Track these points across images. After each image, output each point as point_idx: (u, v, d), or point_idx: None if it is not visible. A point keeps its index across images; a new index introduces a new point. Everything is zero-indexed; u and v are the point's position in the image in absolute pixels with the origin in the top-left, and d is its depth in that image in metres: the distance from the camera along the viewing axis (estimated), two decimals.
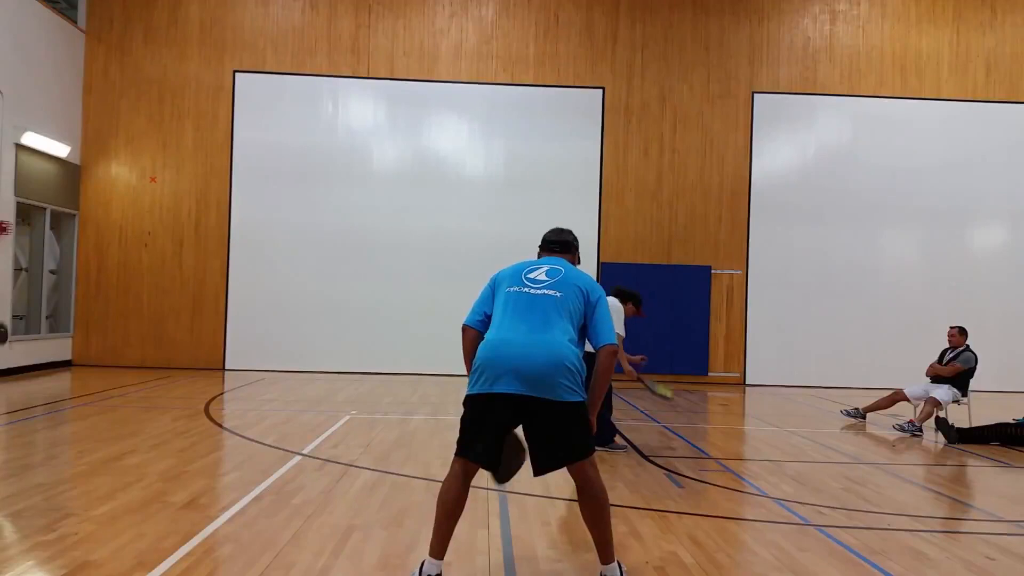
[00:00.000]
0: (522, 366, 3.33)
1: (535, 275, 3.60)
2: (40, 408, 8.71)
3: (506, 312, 3.52)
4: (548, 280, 3.57)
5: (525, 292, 3.54)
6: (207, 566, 3.74)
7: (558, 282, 3.56)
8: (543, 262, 3.72)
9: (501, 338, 3.43)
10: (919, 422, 8.58)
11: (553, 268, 3.63)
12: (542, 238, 3.96)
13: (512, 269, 3.69)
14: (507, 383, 3.34)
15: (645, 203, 13.56)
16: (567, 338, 3.43)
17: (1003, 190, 13.90)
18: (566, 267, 3.67)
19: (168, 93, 13.22)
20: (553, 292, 3.52)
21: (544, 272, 3.61)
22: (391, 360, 13.11)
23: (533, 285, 3.56)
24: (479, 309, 3.68)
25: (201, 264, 13.17)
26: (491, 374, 3.37)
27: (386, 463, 6.17)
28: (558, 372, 3.34)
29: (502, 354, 3.37)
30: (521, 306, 3.50)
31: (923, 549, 4.37)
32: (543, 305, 3.48)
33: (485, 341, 3.50)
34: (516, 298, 3.53)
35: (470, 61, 13.52)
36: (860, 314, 13.60)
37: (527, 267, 3.67)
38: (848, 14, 13.89)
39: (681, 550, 4.19)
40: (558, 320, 3.45)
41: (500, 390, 3.35)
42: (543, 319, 3.44)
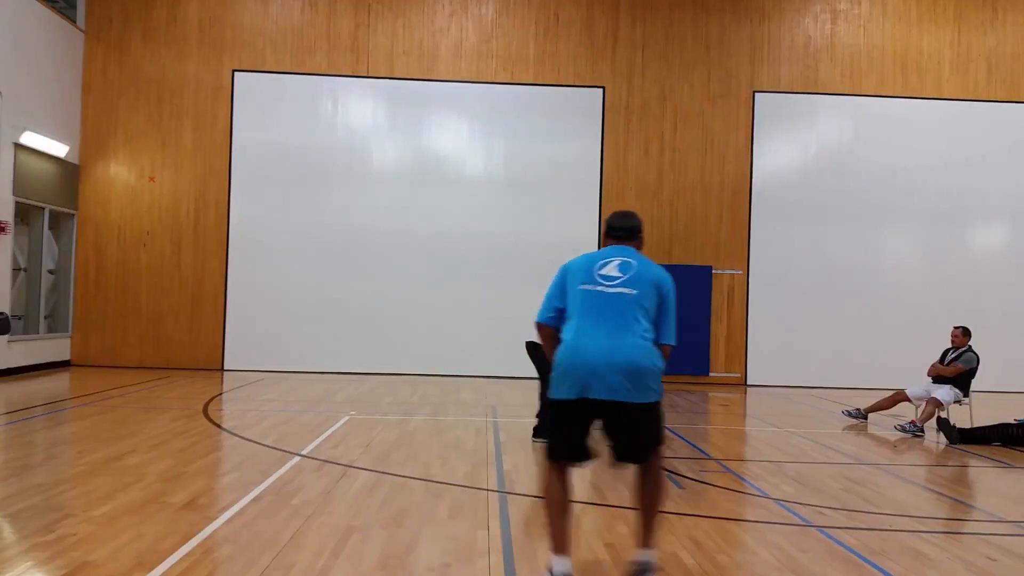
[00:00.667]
0: (605, 371, 3.38)
1: (607, 270, 3.55)
2: (39, 408, 8.70)
3: (584, 313, 3.50)
4: (621, 276, 3.53)
5: (599, 290, 3.50)
6: (206, 567, 3.73)
7: (632, 278, 3.52)
8: (612, 254, 3.64)
9: (581, 342, 3.44)
10: (920, 422, 8.57)
11: (624, 262, 3.58)
12: (607, 224, 3.86)
13: (582, 262, 3.64)
14: (592, 389, 3.40)
15: (645, 203, 13.54)
16: (646, 338, 3.49)
17: (1004, 190, 13.88)
18: (636, 258, 3.63)
19: (167, 93, 13.20)
20: (628, 290, 3.50)
21: (616, 266, 3.56)
22: (391, 360, 13.09)
23: (606, 282, 3.52)
24: (551, 304, 3.64)
25: (200, 264, 13.15)
26: (575, 380, 3.42)
27: (386, 464, 6.15)
28: (639, 375, 3.42)
29: (584, 360, 3.41)
30: (598, 306, 3.48)
31: (924, 550, 4.36)
32: (619, 305, 3.47)
33: (565, 344, 3.50)
34: (592, 297, 3.51)
35: (470, 60, 13.50)
36: (861, 314, 13.59)
37: (597, 260, 3.61)
38: (849, 13, 13.87)
39: (681, 551, 4.18)
40: (635, 320, 3.47)
41: (588, 396, 3.41)
42: (621, 320, 3.45)
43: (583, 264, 3.63)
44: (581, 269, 3.60)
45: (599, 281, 3.53)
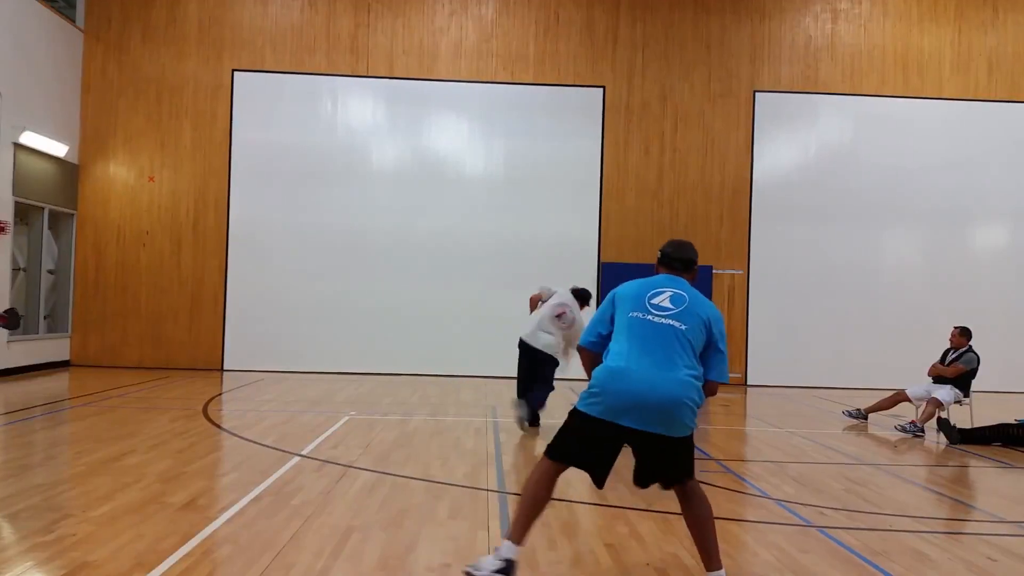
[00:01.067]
0: (644, 403, 3.35)
1: (659, 300, 3.53)
2: (38, 408, 8.69)
3: (631, 340, 3.47)
4: (673, 309, 3.50)
5: (649, 320, 3.48)
6: (206, 567, 3.72)
7: (683, 312, 3.50)
8: (666, 285, 3.62)
9: (624, 369, 3.41)
10: (921, 423, 8.56)
11: (677, 295, 3.55)
12: (661, 252, 3.79)
13: (634, 289, 3.62)
14: (627, 417, 3.38)
15: (646, 202, 13.54)
16: (691, 373, 3.45)
17: (1005, 189, 13.88)
18: (689, 292, 3.60)
19: (166, 92, 13.19)
20: (678, 323, 3.47)
21: (669, 298, 3.53)
22: (390, 360, 13.08)
23: (657, 312, 3.49)
24: (595, 329, 3.65)
25: (200, 264, 13.14)
26: (611, 404, 3.39)
27: (385, 464, 6.15)
28: (678, 411, 3.39)
29: (624, 388, 3.38)
30: (645, 336, 3.46)
31: (925, 550, 4.35)
32: (667, 337, 3.45)
33: (607, 368, 3.47)
34: (640, 326, 3.48)
35: (470, 60, 13.49)
36: (861, 314, 13.58)
37: (650, 289, 3.59)
38: (850, 13, 13.86)
39: (682, 551, 4.17)
40: (682, 354, 3.44)
41: (619, 422, 3.39)
42: (667, 353, 3.42)
43: (635, 291, 3.60)
44: (632, 296, 3.57)
45: (650, 310, 3.51)
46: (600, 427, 3.43)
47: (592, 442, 3.47)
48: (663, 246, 3.83)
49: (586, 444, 3.49)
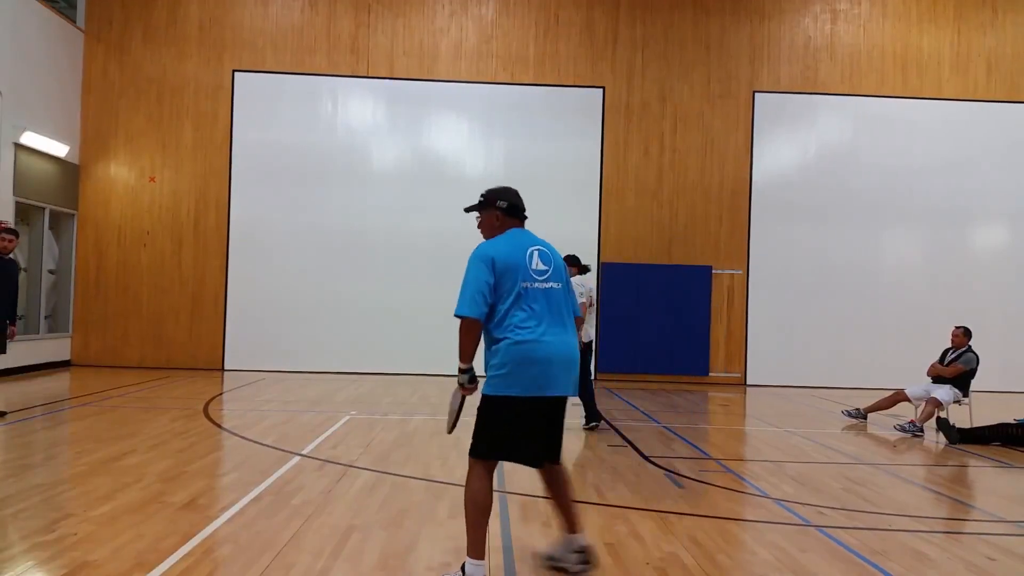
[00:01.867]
0: (563, 369, 3.55)
1: (535, 264, 3.61)
2: (39, 408, 8.70)
3: (532, 311, 3.53)
4: (547, 269, 3.62)
5: (536, 287, 3.57)
6: (206, 566, 3.73)
7: (555, 271, 3.65)
8: (531, 242, 3.67)
9: (537, 341, 3.49)
10: (920, 422, 8.57)
11: (543, 252, 3.66)
12: (508, 203, 3.74)
13: (512, 254, 3.57)
14: (556, 386, 3.54)
15: (645, 203, 13.55)
16: (575, 331, 3.70)
17: (1004, 190, 13.88)
18: (543, 244, 3.71)
19: (167, 93, 13.21)
20: (556, 284, 3.62)
21: (539, 258, 3.62)
22: (391, 360, 13.09)
23: (540, 278, 3.59)
24: (484, 299, 3.51)
25: (200, 264, 13.16)
26: (535, 378, 3.49)
27: (386, 464, 6.15)
28: (577, 370, 3.66)
29: (545, 357, 3.49)
30: (543, 304, 3.55)
31: (924, 550, 4.36)
32: (556, 301, 3.60)
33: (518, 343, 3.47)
34: (535, 296, 3.55)
35: (470, 60, 13.50)
36: (861, 314, 13.59)
37: (525, 253, 3.60)
38: (849, 13, 13.87)
39: (681, 551, 4.18)
40: (569, 314, 3.67)
41: (552, 393, 3.55)
42: (561, 317, 3.60)
43: (515, 258, 3.56)
44: (516, 265, 3.55)
45: (535, 277, 3.58)
46: (535, 405, 3.52)
47: (527, 425, 3.53)
48: (502, 194, 3.78)
49: (521, 429, 3.53)
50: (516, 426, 3.52)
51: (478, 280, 3.52)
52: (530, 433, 3.55)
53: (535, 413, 3.53)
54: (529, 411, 3.52)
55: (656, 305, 13.49)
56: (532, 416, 3.53)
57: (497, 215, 3.76)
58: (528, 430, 3.54)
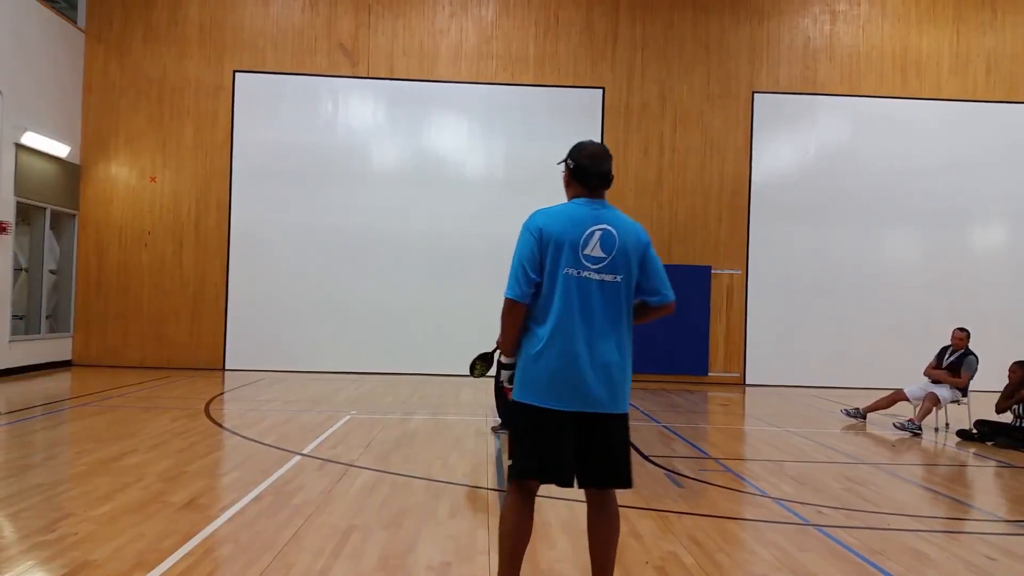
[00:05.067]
0: (594, 380, 2.97)
1: (591, 249, 3.00)
2: (39, 408, 8.71)
3: (567, 306, 2.97)
4: (605, 257, 3.01)
5: (585, 277, 2.99)
6: (207, 566, 3.74)
7: (615, 259, 3.02)
8: (594, 220, 3.07)
9: (567, 344, 2.96)
10: (918, 420, 8.58)
11: (606, 233, 3.03)
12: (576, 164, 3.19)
13: (565, 229, 3.03)
14: (576, 400, 2.97)
15: (645, 203, 13.55)
16: (628, 335, 3.08)
17: (1003, 190, 13.88)
18: (616, 224, 3.08)
19: (168, 93, 13.21)
20: (612, 277, 3.01)
21: (599, 242, 3.01)
22: (391, 360, 13.10)
23: (591, 265, 2.99)
24: (528, 278, 3.00)
25: (201, 264, 13.16)
26: (559, 387, 2.96)
27: (386, 463, 6.16)
28: (624, 382, 3.06)
29: (570, 365, 2.96)
30: (583, 299, 2.98)
31: (923, 549, 4.36)
32: (607, 297, 3.01)
33: (544, 341, 2.97)
34: (577, 287, 2.98)
35: (470, 61, 13.51)
36: (860, 314, 13.59)
37: (580, 234, 3.02)
38: (848, 14, 13.88)
39: (681, 550, 4.19)
40: (621, 316, 3.04)
41: (570, 408, 2.97)
42: (608, 318, 3.01)
43: (567, 236, 3.02)
44: (566, 244, 3.01)
45: (584, 264, 3.00)
46: (556, 419, 2.98)
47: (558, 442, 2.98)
48: (575, 151, 3.23)
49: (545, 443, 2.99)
50: (538, 440, 2.99)
51: (523, 255, 3.02)
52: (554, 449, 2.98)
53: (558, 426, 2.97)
54: (550, 424, 2.97)
55: None
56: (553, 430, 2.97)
57: (567, 173, 3.22)
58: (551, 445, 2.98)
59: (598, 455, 3.03)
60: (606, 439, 3.03)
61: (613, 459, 3.05)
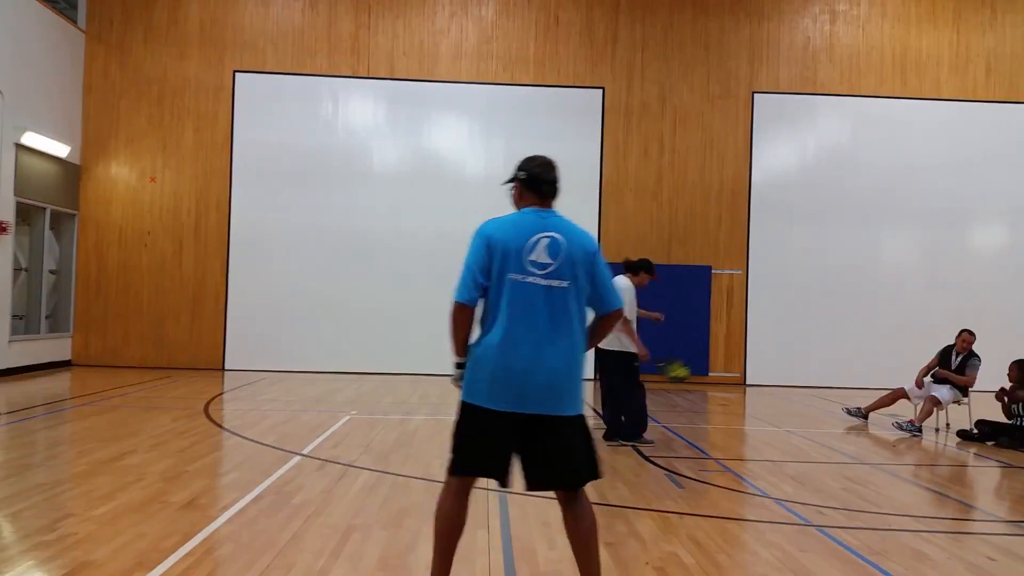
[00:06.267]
0: (533, 381, 3.01)
1: (536, 255, 3.07)
2: (40, 408, 8.71)
3: (511, 310, 3.04)
4: (551, 263, 3.07)
5: (529, 283, 3.05)
6: (207, 566, 3.74)
7: (561, 265, 3.08)
8: (541, 227, 3.14)
9: (509, 347, 3.01)
10: (919, 421, 8.57)
11: (553, 240, 3.10)
12: (528, 173, 3.32)
13: (511, 238, 3.11)
14: (517, 402, 3.01)
15: (645, 203, 13.56)
16: (579, 339, 3.12)
17: (1003, 190, 13.89)
18: (564, 231, 3.16)
19: (168, 93, 13.21)
20: (559, 282, 3.06)
21: (545, 248, 3.08)
22: (391, 360, 13.09)
23: (537, 271, 3.06)
24: (475, 283, 3.11)
25: (201, 264, 13.16)
26: (499, 388, 3.02)
27: (386, 463, 6.16)
28: (571, 384, 3.09)
29: (512, 368, 3.00)
30: (529, 304, 3.04)
31: (924, 549, 4.36)
32: (552, 303, 3.05)
33: (489, 345, 3.05)
34: (522, 291, 3.04)
35: (470, 61, 13.51)
36: (860, 314, 13.58)
37: (527, 238, 3.11)
38: (848, 14, 13.88)
39: (681, 551, 4.19)
40: (568, 320, 3.08)
41: (511, 409, 3.02)
42: (554, 323, 3.05)
43: (513, 243, 3.09)
44: (512, 252, 3.08)
45: (529, 270, 3.06)
46: (495, 419, 3.02)
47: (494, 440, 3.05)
48: (525, 163, 3.33)
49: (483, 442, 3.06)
50: (479, 440, 3.06)
51: (471, 261, 3.15)
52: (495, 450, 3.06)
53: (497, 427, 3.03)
54: (493, 426, 3.03)
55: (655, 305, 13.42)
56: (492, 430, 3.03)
57: (518, 187, 3.31)
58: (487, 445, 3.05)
59: (544, 457, 3.08)
60: (553, 441, 3.06)
61: (562, 461, 3.08)
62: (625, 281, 7.23)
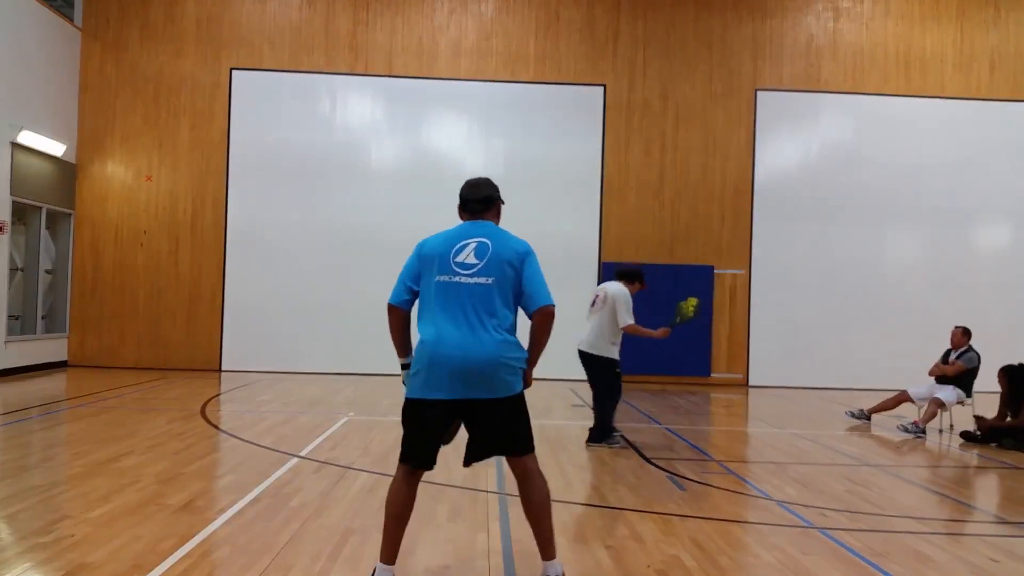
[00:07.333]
0: (461, 369, 3.32)
1: (463, 257, 3.42)
2: (36, 409, 8.65)
3: (439, 307, 3.41)
4: (477, 263, 3.40)
5: (456, 282, 3.39)
6: (204, 569, 3.69)
7: (487, 264, 3.40)
8: (469, 235, 3.49)
9: (438, 339, 3.37)
10: (923, 423, 8.53)
11: (480, 244, 3.44)
12: (460, 196, 3.67)
13: (439, 246, 3.50)
14: (448, 388, 3.34)
15: (647, 202, 13.50)
16: (503, 329, 3.38)
17: (1007, 188, 13.85)
18: (492, 236, 3.47)
19: (164, 91, 13.15)
20: (484, 279, 3.38)
21: (472, 251, 3.42)
22: (389, 361, 12.91)
23: (463, 271, 3.40)
24: (405, 287, 3.55)
25: (197, 264, 13.10)
26: (431, 378, 3.36)
27: (384, 465, 6.11)
28: (497, 370, 3.35)
29: (440, 358, 3.34)
30: (454, 300, 3.38)
31: (927, 551, 4.33)
32: (476, 298, 3.37)
33: (421, 341, 3.44)
34: (448, 290, 3.40)
35: (470, 58, 13.45)
36: (864, 314, 13.54)
37: (454, 245, 3.47)
38: (852, 11, 13.83)
39: (683, 553, 4.15)
40: (491, 313, 3.37)
41: (441, 396, 3.35)
42: (476, 316, 3.36)
43: (440, 249, 3.48)
44: (437, 256, 3.46)
45: (455, 270, 3.41)
46: (426, 407, 3.38)
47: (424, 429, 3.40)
48: (461, 188, 3.69)
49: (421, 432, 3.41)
50: (422, 430, 3.40)
51: (405, 267, 3.57)
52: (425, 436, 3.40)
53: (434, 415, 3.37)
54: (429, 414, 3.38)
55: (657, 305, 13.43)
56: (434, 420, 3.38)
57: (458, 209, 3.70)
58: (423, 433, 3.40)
59: (482, 434, 3.45)
60: (488, 420, 3.40)
61: (496, 436, 3.45)
62: (621, 288, 7.18)
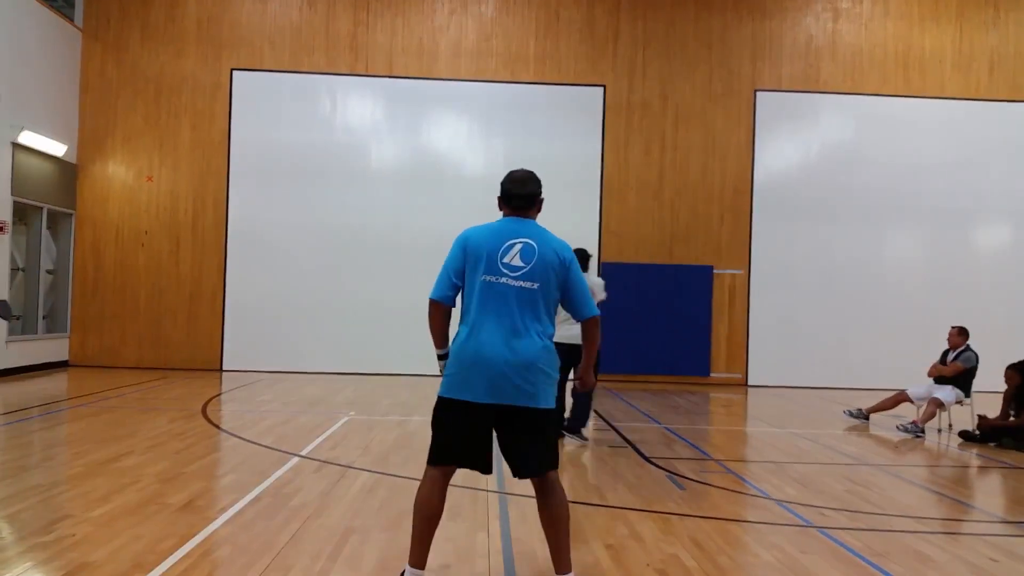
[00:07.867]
0: (502, 374, 3.26)
1: (510, 258, 3.34)
2: (36, 409, 8.66)
3: (484, 308, 3.32)
4: (523, 266, 3.32)
5: (502, 283, 3.32)
6: (204, 568, 3.70)
7: (534, 268, 3.33)
8: (515, 234, 3.39)
9: (480, 341, 3.29)
10: (922, 423, 8.54)
11: (526, 245, 3.35)
12: (503, 189, 3.54)
13: (486, 242, 3.38)
14: (483, 392, 3.27)
15: (646, 202, 13.51)
16: (545, 337, 3.35)
17: (1006, 189, 13.86)
18: (537, 238, 3.39)
19: (165, 91, 13.16)
20: (530, 284, 3.32)
21: (519, 253, 3.34)
22: (390, 361, 13.05)
23: (510, 273, 3.32)
24: (450, 282, 3.40)
25: (198, 264, 13.11)
26: (467, 380, 3.29)
27: (385, 465, 6.12)
28: (537, 378, 3.30)
29: (481, 360, 3.27)
30: (499, 302, 3.31)
31: (926, 551, 4.33)
32: (522, 302, 3.31)
33: (462, 340, 3.34)
34: (493, 291, 3.32)
35: (470, 59, 13.46)
36: (863, 314, 13.55)
37: (501, 245, 3.36)
38: (851, 12, 13.84)
39: (683, 552, 4.16)
40: (536, 319, 3.33)
41: (474, 399, 3.28)
42: (522, 320, 3.30)
43: (487, 246, 3.36)
44: (485, 255, 3.35)
45: (502, 271, 3.33)
46: (466, 410, 3.29)
47: (467, 431, 3.32)
48: (504, 181, 3.58)
49: (455, 433, 3.33)
50: (451, 430, 3.33)
51: (447, 262, 3.43)
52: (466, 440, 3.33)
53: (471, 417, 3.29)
54: (461, 415, 3.30)
55: (657, 305, 13.46)
56: (465, 422, 3.30)
57: (499, 199, 3.58)
58: (462, 435, 3.32)
59: (516, 445, 3.35)
60: (522, 431, 3.33)
61: (529, 449, 3.34)
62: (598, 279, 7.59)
